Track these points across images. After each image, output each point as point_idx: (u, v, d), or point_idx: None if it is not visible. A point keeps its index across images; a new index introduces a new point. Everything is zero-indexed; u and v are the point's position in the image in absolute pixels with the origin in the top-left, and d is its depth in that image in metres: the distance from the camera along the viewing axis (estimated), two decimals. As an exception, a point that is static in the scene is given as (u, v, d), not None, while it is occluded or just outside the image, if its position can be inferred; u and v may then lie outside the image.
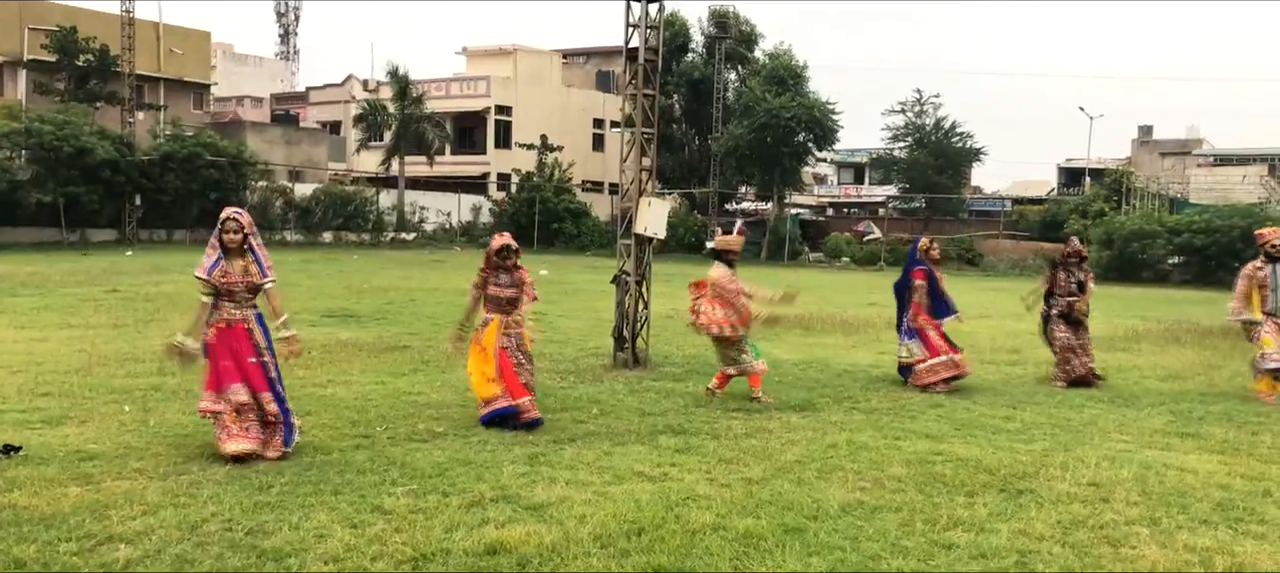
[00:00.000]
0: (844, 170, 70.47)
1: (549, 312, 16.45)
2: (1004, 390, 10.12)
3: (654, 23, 10.62)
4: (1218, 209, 36.50)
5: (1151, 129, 65.25)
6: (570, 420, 7.91)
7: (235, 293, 6.64)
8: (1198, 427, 8.36)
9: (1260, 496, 6.13)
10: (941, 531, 5.31)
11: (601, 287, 16.70)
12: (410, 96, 43.69)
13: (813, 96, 43.72)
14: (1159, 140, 63.47)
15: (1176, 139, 62.98)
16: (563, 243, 42.70)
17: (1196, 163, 56.83)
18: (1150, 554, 5.00)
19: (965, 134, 50.02)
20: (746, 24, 47.86)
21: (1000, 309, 20.32)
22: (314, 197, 40.57)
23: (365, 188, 43.47)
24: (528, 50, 52.19)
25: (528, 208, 43.07)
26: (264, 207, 38.67)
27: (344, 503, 5.59)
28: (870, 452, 7.08)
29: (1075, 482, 6.34)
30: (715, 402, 8.96)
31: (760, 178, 45.86)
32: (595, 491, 5.94)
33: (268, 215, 38.79)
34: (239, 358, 6.63)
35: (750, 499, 5.80)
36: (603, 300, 12.06)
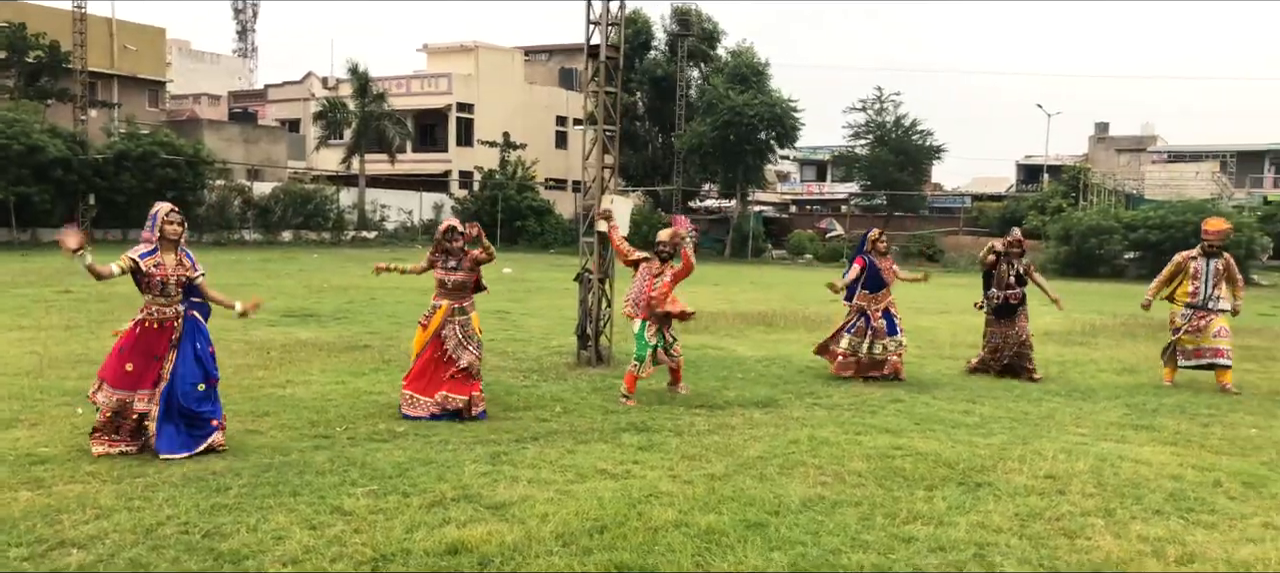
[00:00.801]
0: (806, 168, 70.89)
1: (512, 310, 16.41)
2: (963, 385, 10.23)
3: (615, 20, 10.61)
4: (1172, 205, 37.16)
5: (1108, 126, 66.29)
6: (533, 419, 7.88)
7: (167, 286, 6.56)
8: (1152, 419, 8.51)
9: (1211, 486, 6.24)
10: (901, 524, 5.36)
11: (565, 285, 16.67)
12: (371, 94, 43.34)
13: (775, 94, 43.92)
14: (1115, 137, 64.46)
15: (1132, 136, 64.01)
16: (526, 241, 42.57)
17: (1151, 159, 57.81)
18: (1105, 545, 5.07)
19: (925, 132, 50.49)
20: (709, 22, 47.97)
21: (960, 305, 20.52)
22: (273, 195, 40.10)
23: (325, 186, 43.04)
24: (489, 47, 51.95)
25: (490, 206, 42.89)
26: (222, 205, 38.15)
27: (303, 504, 5.53)
28: (831, 447, 7.12)
29: (1033, 474, 6.42)
30: (677, 399, 8.96)
31: (723, 175, 45.99)
32: (558, 489, 5.92)
33: (226, 214, 38.29)
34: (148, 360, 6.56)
35: (712, 496, 5.81)
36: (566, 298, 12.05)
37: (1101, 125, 66.31)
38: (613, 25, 10.60)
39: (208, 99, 54.51)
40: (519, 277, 25.05)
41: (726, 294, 22.06)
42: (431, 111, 50.13)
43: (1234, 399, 9.67)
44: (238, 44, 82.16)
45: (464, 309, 8.08)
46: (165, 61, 48.50)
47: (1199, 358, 10.33)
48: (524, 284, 22.03)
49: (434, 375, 7.90)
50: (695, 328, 14.70)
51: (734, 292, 23.11)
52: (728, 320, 15.83)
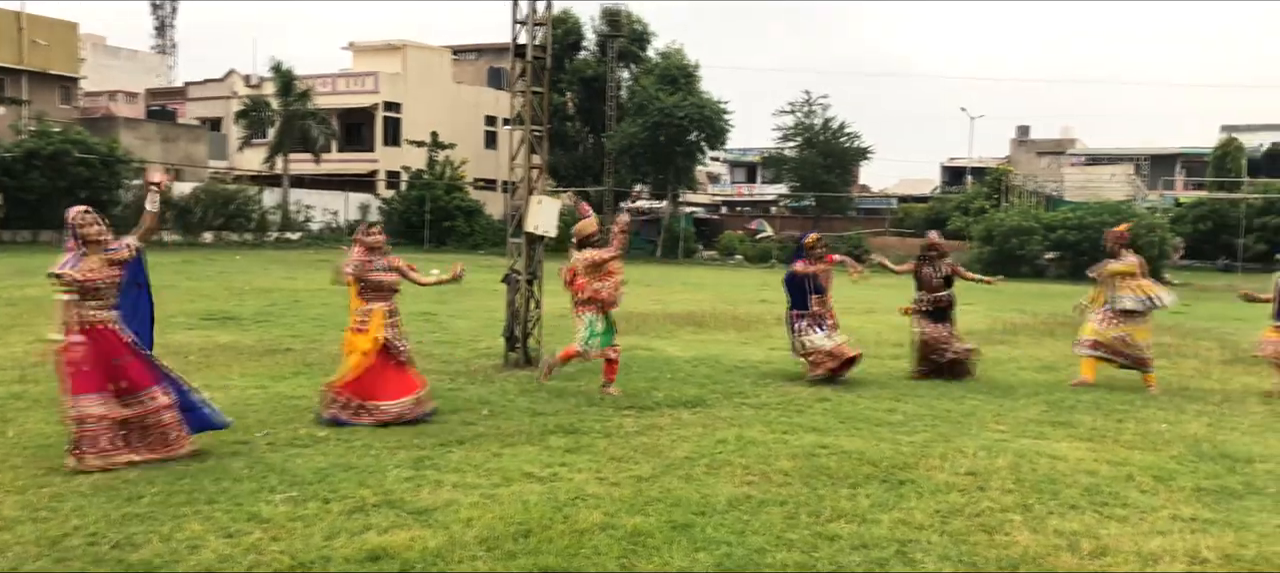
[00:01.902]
0: (737, 169, 71.44)
1: (439, 312, 16.21)
2: (889, 384, 10.36)
3: (542, 20, 10.54)
4: (1089, 206, 38.26)
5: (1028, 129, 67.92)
6: (459, 423, 7.78)
7: (101, 290, 6.34)
8: (1069, 416, 8.72)
9: (1124, 480, 6.42)
10: (825, 522, 5.40)
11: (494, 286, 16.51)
12: (295, 92, 42.48)
13: (704, 96, 44.18)
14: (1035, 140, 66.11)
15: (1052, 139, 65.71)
16: (455, 241, 42.13)
17: (1070, 162, 59.43)
18: (1022, 540, 5.18)
19: (853, 134, 51.23)
20: (638, 23, 48.03)
21: (885, 304, 20.84)
22: (193, 195, 39.03)
23: (248, 186, 42.05)
24: (417, 46, 51.30)
25: (418, 206, 42.36)
26: (140, 206, 37.01)
27: (219, 512, 5.38)
28: (758, 447, 7.16)
29: (954, 471, 6.54)
30: (606, 401, 8.92)
31: (654, 176, 46.11)
32: (483, 493, 5.85)
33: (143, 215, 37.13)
34: (107, 362, 6.32)
35: (639, 497, 5.80)
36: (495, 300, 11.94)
37: (1023, 129, 67.99)
38: (539, 25, 10.53)
39: (124, 96, 52.86)
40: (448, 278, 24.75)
41: (657, 295, 22.10)
42: (358, 111, 49.33)
43: (1147, 396, 9.96)
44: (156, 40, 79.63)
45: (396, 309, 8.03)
46: (78, 57, 46.88)
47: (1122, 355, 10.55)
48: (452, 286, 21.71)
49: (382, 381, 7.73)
50: (626, 329, 14.65)
51: (665, 293, 23.16)
52: (658, 321, 15.85)
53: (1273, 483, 6.46)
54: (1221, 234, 43.35)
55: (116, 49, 60.37)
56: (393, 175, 47.11)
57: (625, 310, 16.72)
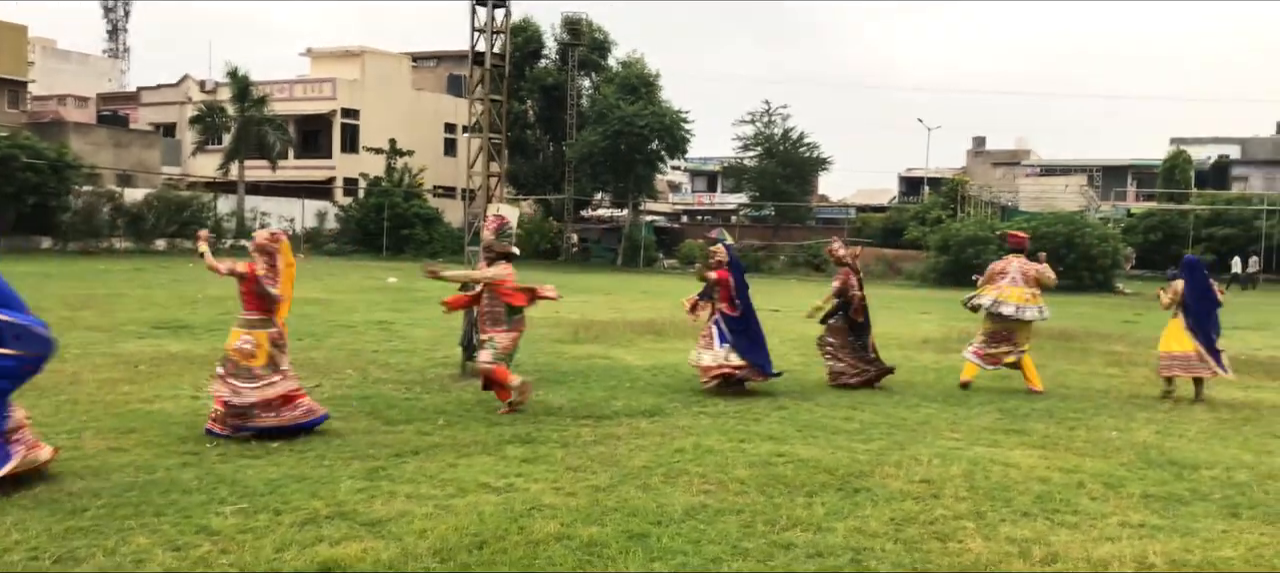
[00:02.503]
0: (697, 178, 71.72)
1: (396, 320, 16.08)
2: (845, 392, 10.41)
3: (500, 28, 10.51)
4: (1043, 216, 38.80)
5: (984, 140, 68.94)
6: (414, 433, 7.71)
7: None
8: (1022, 423, 8.82)
9: (1075, 487, 6.50)
10: (781, 531, 5.41)
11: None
12: (251, 98, 42.01)
13: (665, 105, 44.30)
14: (991, 151, 67.09)
15: (1007, 150, 66.72)
16: (414, 249, 41.84)
17: (1024, 173, 60.34)
18: (975, 547, 5.22)
19: (812, 144, 51.64)
20: (599, 31, 48.09)
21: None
22: (146, 202, 38.44)
23: (202, 193, 41.52)
24: (376, 52, 50.97)
25: (376, 213, 42.03)
26: (89, 212, 36.37)
27: (167, 525, 5.28)
28: (715, 455, 7.16)
29: (909, 479, 6.58)
30: (564, 410, 8.88)
31: (615, 185, 46.16)
32: (437, 504, 5.79)
33: (94, 222, 36.53)
34: None
35: (596, 507, 5.77)
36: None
37: (979, 139, 68.99)
38: (498, 33, 10.50)
39: (74, 101, 51.95)
40: (405, 286, 24.58)
41: (617, 303, 22.09)
42: (315, 117, 48.90)
43: (1098, 403, 10.10)
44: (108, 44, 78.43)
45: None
46: (27, 60, 46.07)
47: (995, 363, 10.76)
48: (409, 294, 21.60)
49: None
50: (585, 338, 14.67)
51: (624, 301, 23.16)
52: (617, 330, 15.83)
53: (1218, 489, 6.57)
54: (1171, 244, 44.14)
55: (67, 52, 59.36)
56: (351, 182, 46.73)
57: (585, 319, 16.74)
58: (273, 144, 42.79)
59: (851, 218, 56.25)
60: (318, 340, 13.35)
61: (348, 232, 43.35)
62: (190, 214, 39.31)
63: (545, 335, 14.78)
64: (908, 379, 11.14)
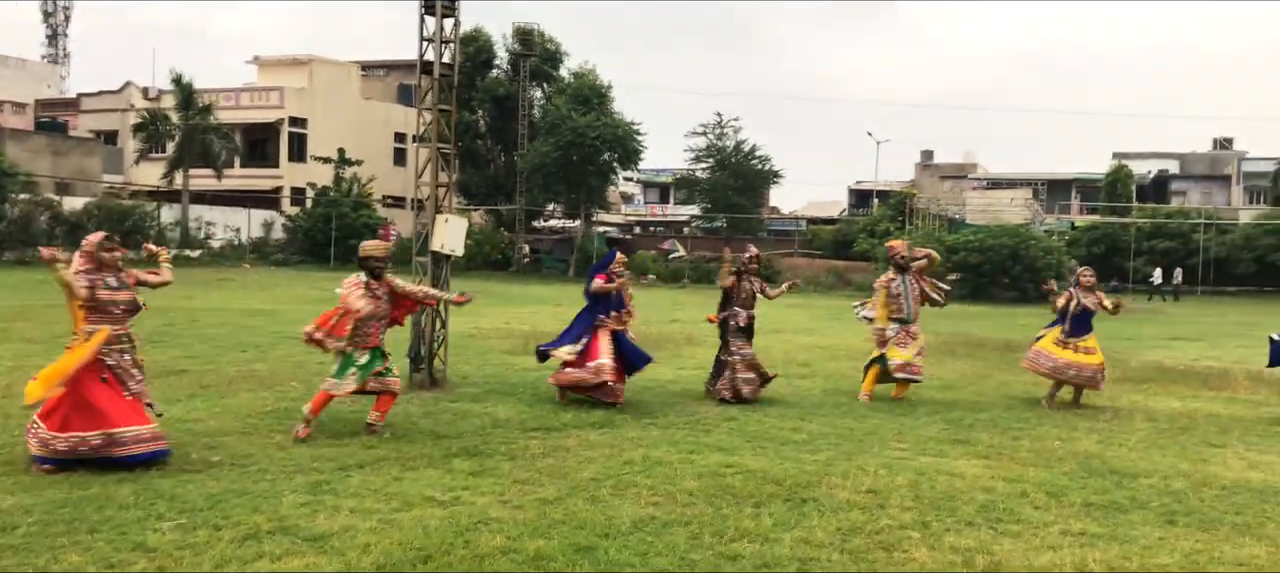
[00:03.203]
0: (650, 190, 71.87)
1: (344, 332, 15.86)
2: (794, 403, 10.47)
3: (449, 37, 10.44)
4: (990, 229, 39.43)
5: (932, 154, 69.96)
6: (359, 446, 7.60)
7: None
8: (967, 433, 8.92)
9: (1018, 496, 6.58)
10: (728, 542, 5.41)
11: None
12: (196, 106, 41.33)
13: (617, 117, 44.34)
14: (939, 164, 68.11)
15: (954, 163, 67.78)
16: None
17: (971, 186, 61.28)
18: (920, 557, 5.26)
19: (763, 157, 52.01)
20: (551, 42, 48.02)
21: (793, 325, 21.17)
22: (86, 211, 37.55)
23: (145, 202, 40.68)
24: (324, 61, 50.42)
25: (324, 223, 41.51)
26: (26, 221, 35.49)
27: (101, 542, 5.15)
28: (664, 467, 7.15)
29: (855, 489, 6.62)
30: (512, 422, 8.81)
31: (567, 195, 46.07)
32: (382, 518, 5.71)
33: (31, 230, 35.62)
34: None
35: (543, 520, 5.73)
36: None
37: (927, 153, 70.02)
38: (447, 43, 10.42)
39: (11, 107, 50.69)
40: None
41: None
42: (262, 126, 48.24)
43: (1042, 413, 10.26)
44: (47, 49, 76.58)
45: (129, 337, 7.13)
46: (-39, 65, 44.93)
47: (907, 372, 10.78)
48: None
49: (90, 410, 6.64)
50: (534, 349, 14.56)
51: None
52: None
53: (1156, 497, 6.70)
54: (1113, 256, 45.10)
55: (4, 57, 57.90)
56: (298, 192, 46.15)
57: (536, 330, 16.65)
58: (218, 153, 42.13)
59: (802, 230, 56.70)
60: (262, 352, 13.14)
61: (295, 242, 42.76)
62: (132, 223, 38.49)
63: (495, 347, 14.70)
64: (855, 390, 11.22)
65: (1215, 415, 10.48)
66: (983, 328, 21.21)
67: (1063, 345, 10.86)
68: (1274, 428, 9.78)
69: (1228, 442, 8.91)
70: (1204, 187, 61.05)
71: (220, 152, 42.25)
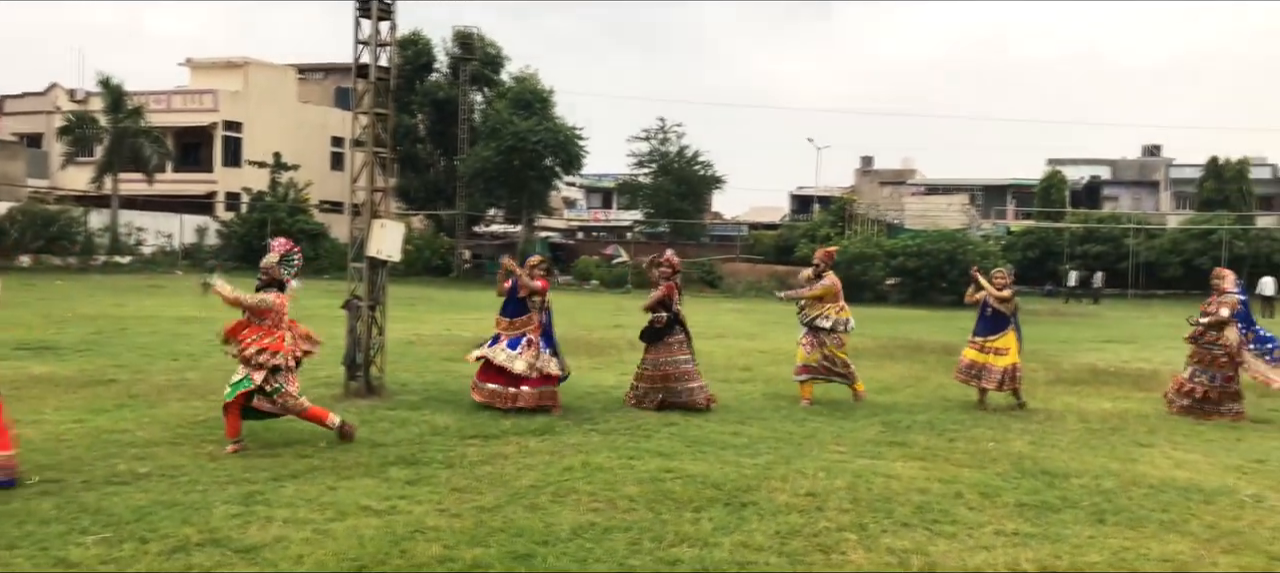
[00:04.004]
0: (592, 195, 71.83)
1: (280, 339, 15.57)
2: (735, 407, 10.50)
3: (386, 41, 10.31)
4: (928, 234, 40.07)
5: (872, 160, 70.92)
6: (293, 456, 7.45)
7: None
8: (905, 435, 9.03)
9: (953, 497, 6.67)
10: (668, 547, 5.40)
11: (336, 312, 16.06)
12: (125, 108, 40.35)
13: (559, 121, 44.22)
14: (878, 170, 69.05)
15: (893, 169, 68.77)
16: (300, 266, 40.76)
17: (910, 192, 62.24)
18: (856, 558, 5.30)
19: (706, 162, 52.23)
20: (492, 46, 47.78)
21: (735, 330, 21.28)
22: (9, 216, 36.50)
23: (72, 207, 39.62)
24: (260, 64, 49.54)
25: (260, 229, 40.78)
26: (-54, 226, 34.42)
27: (20, 558, 4.98)
28: (605, 473, 7.12)
29: (794, 493, 6.66)
30: (451, 430, 8.71)
31: (508, 200, 45.82)
32: (315, 528, 5.61)
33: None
34: None
35: (481, 528, 5.67)
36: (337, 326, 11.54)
37: (867, 159, 71.01)
38: (384, 46, 10.29)
39: (-69, 109, 49.10)
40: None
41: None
42: (195, 129, 47.25)
43: (977, 415, 10.42)
44: (-30, 50, 74.35)
45: None
46: (-122, 65, 43.34)
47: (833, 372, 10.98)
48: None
49: None
50: (474, 355, 14.45)
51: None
52: (508, 347, 15.62)
53: (1086, 496, 6.84)
54: (1047, 260, 46.11)
55: (-76, 58, 55.98)
56: (233, 197, 45.29)
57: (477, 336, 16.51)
58: (149, 157, 41.16)
59: (744, 235, 57.07)
60: (195, 361, 12.84)
61: (230, 247, 41.96)
62: (58, 228, 37.54)
63: (434, 354, 14.55)
64: (795, 394, 11.29)
65: (1144, 416, 10.73)
66: (921, 331, 21.53)
67: (974, 346, 11.06)
68: (1199, 428, 10.04)
69: (1156, 442, 9.13)
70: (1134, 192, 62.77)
71: (151, 155, 41.29)
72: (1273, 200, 57.29)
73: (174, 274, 36.03)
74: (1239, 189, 51.61)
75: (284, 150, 44.35)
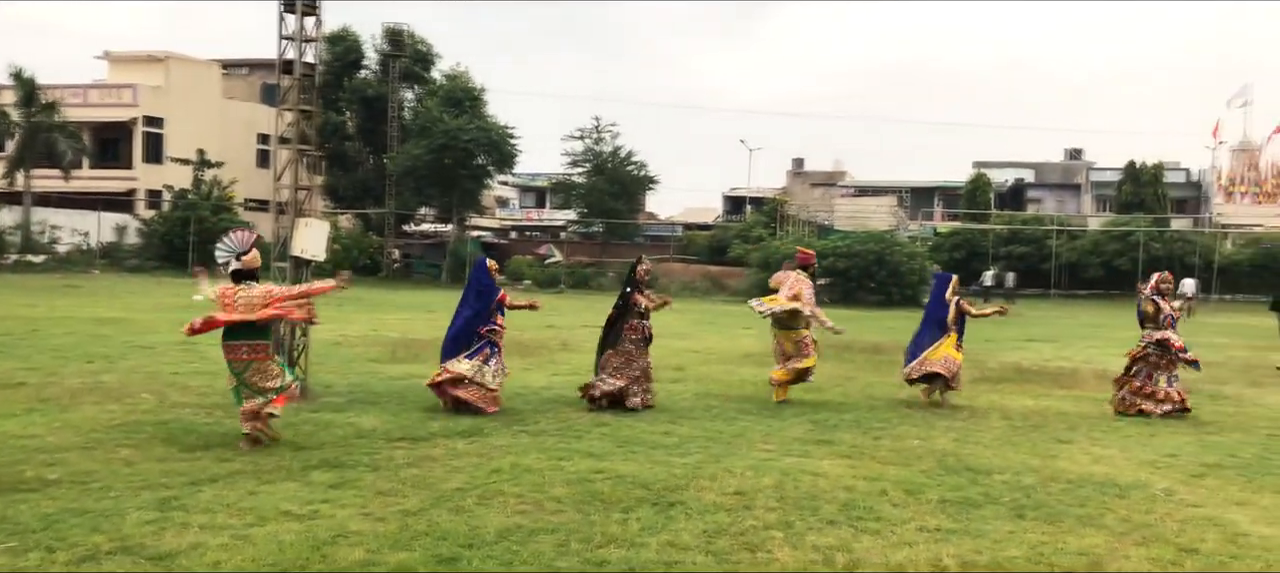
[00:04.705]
0: (526, 194, 71.41)
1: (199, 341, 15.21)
2: (666, 407, 10.50)
3: (311, 36, 10.11)
4: (857, 235, 40.62)
5: (803, 162, 71.66)
6: (212, 460, 7.26)
7: None
8: (832, 434, 9.12)
9: (878, 495, 6.75)
10: (595, 549, 5.38)
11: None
12: (38, 103, 39.04)
13: (491, 120, 43.90)
14: (810, 172, 69.79)
15: (824, 171, 69.56)
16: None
17: (840, 193, 63.05)
18: (782, 556, 5.33)
19: (640, 162, 52.26)
20: (422, 43, 47.25)
21: (669, 330, 21.28)
22: (-88, 214, 35.11)
23: (-20, 204, 38.23)
24: (181, 58, 48.26)
25: (182, 227, 39.75)
26: None
27: (-83, 571, 4.76)
28: (533, 474, 7.07)
29: (722, 491, 6.68)
30: (377, 432, 8.57)
31: (440, 199, 45.36)
32: (234, 534, 5.46)
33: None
34: None
35: (405, 532, 5.58)
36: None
37: (798, 161, 71.67)
38: (309, 41, 10.10)
39: None
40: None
41: (440, 321, 21.59)
42: (114, 125, 45.83)
43: (903, 413, 10.58)
44: (-127, 40, 71.24)
45: None
46: None
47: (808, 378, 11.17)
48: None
49: None
50: (404, 357, 14.28)
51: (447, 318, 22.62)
52: (437, 348, 15.44)
53: (1007, 492, 6.97)
54: (973, 261, 47.06)
55: None
56: (154, 194, 44.08)
57: (405, 337, 16.32)
58: (64, 153, 39.85)
59: (678, 235, 57.26)
60: (111, 363, 12.47)
61: (151, 247, 40.82)
62: (-36, 226, 36.19)
63: (360, 355, 14.34)
64: (727, 393, 11.36)
65: (1064, 413, 11.00)
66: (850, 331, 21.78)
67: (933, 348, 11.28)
68: (1116, 424, 10.32)
69: (1075, 438, 9.36)
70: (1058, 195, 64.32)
71: (66, 151, 39.98)
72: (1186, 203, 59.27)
73: (91, 274, 34.95)
74: (1155, 192, 53.21)
75: (208, 147, 43.31)
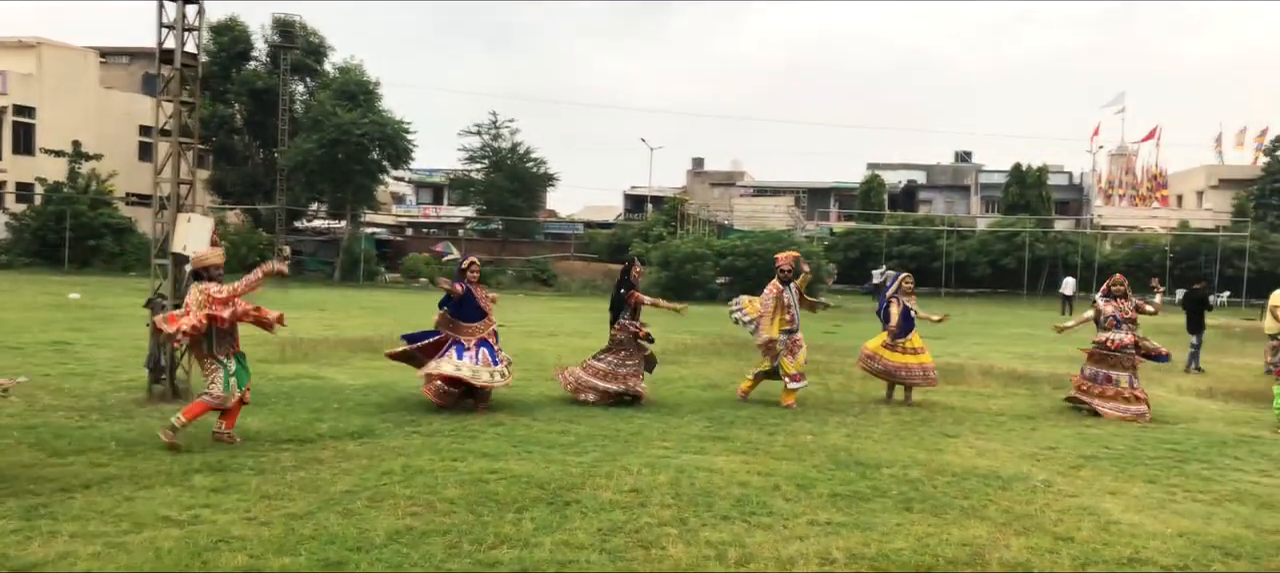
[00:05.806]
0: (422, 190, 70.35)
1: (77, 340, 14.58)
2: (564, 406, 10.45)
3: (193, 25, 9.74)
4: (755, 234, 41.20)
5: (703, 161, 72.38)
6: (85, 465, 6.93)
7: None
8: (728, 430, 9.20)
9: (771, 490, 6.83)
10: (488, 550, 5.30)
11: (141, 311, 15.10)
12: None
13: (386, 114, 43.11)
14: (709, 172, 70.55)
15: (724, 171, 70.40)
16: (103, 262, 38.20)
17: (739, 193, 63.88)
18: (676, 553, 5.35)
19: (539, 159, 52.02)
20: (314, 35, 46.11)
21: (568, 327, 21.27)
22: None
23: None
24: (56, 45, 46.04)
25: (57, 223, 37.97)
26: None
27: None
28: (426, 475, 6.94)
29: (618, 489, 6.66)
30: (263, 435, 8.32)
31: (332, 194, 44.35)
32: (107, 542, 5.22)
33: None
34: None
35: (290, 536, 5.41)
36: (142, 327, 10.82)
37: (698, 160, 72.38)
38: (191, 30, 9.72)
39: None
40: (88, 302, 22.34)
41: (332, 320, 21.15)
42: (-18, 114, 43.55)
43: (797, 410, 10.73)
44: None
45: None
46: None
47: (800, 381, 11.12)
48: (94, 311, 19.62)
49: None
50: (292, 357, 13.89)
51: (340, 317, 22.22)
52: (329, 347, 15.13)
53: (895, 486, 7.14)
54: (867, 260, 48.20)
55: None
56: (25, 188, 41.96)
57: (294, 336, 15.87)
58: (-72, 142, 37.68)
59: (580, 233, 57.19)
60: (-24, 364, 11.79)
61: (22, 242, 38.90)
62: None
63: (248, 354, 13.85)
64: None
65: (951, 408, 11.33)
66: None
67: (891, 348, 11.54)
68: (999, 418, 10.68)
69: (960, 432, 9.64)
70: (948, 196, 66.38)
71: (-70, 141, 37.81)
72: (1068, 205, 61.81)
73: (-43, 271, 33.08)
74: (1039, 194, 55.33)
75: (85, 138, 41.49)
